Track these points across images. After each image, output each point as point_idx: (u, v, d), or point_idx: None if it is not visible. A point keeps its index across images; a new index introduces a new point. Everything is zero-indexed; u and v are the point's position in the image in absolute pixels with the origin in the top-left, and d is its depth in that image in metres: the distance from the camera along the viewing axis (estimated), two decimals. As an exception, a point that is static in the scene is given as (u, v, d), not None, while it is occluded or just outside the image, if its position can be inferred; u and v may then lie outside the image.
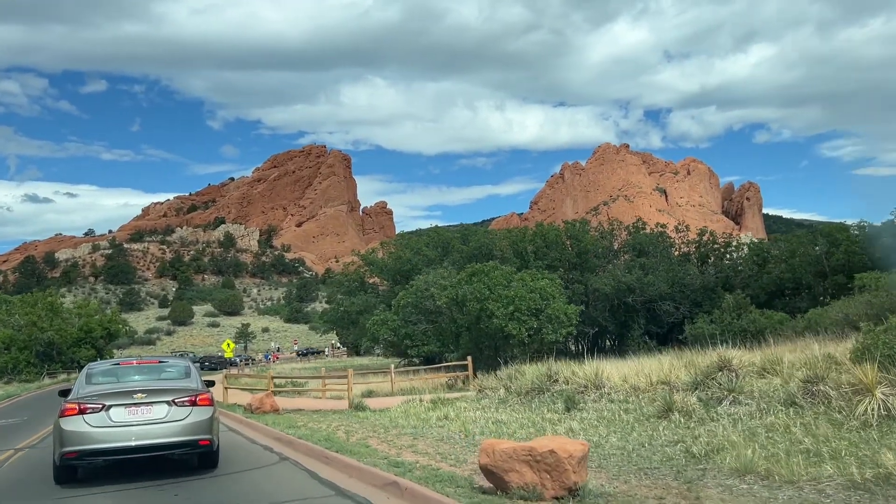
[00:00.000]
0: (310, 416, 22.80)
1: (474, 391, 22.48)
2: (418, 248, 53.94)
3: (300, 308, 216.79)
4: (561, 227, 56.52)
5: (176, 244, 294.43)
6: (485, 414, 16.88)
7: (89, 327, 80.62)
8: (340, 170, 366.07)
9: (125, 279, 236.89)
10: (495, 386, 21.04)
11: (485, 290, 27.80)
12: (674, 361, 20.45)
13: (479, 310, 27.57)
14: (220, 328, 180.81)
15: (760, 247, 59.63)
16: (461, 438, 13.21)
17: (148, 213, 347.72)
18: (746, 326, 44.18)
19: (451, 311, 29.48)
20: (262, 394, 24.95)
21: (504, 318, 26.90)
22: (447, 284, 29.40)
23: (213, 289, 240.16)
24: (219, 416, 12.04)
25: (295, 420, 20.29)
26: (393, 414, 20.04)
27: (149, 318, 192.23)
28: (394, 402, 25.55)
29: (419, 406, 21.67)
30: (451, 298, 28.74)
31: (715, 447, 9.16)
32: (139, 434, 10.38)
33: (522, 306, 27.27)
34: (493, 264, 29.24)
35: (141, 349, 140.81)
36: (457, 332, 29.49)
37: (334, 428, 17.07)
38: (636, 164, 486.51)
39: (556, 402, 16.82)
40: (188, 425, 10.67)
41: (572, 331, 28.87)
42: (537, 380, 18.47)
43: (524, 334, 26.83)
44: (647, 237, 57.69)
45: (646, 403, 14.14)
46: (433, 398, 23.21)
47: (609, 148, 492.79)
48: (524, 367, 21.63)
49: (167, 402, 10.72)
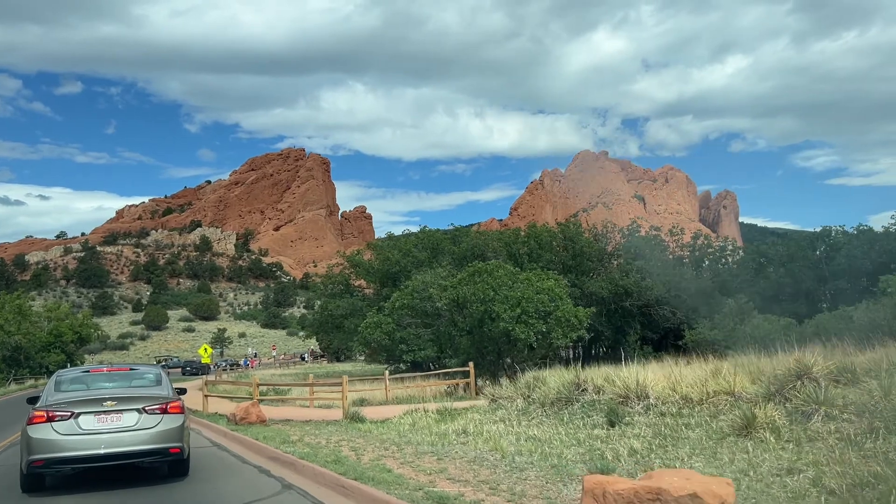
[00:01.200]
0: (301, 427, 20.55)
1: (486, 400, 20.35)
2: (407, 250, 51.74)
3: (278, 313, 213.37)
4: (554, 228, 54.66)
5: (151, 247, 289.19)
6: (509, 428, 14.76)
7: (59, 331, 77.40)
8: (319, 173, 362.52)
9: (98, 283, 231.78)
10: (510, 395, 18.92)
11: (489, 290, 25.71)
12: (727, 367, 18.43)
13: (482, 312, 25.47)
14: (196, 333, 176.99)
15: (758, 251, 58.18)
16: (498, 460, 11.07)
17: (122, 215, 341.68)
18: (751, 332, 42.52)
19: (452, 314, 27.34)
20: (248, 403, 22.63)
21: (511, 321, 24.82)
22: (447, 285, 27.26)
23: (189, 293, 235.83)
24: (192, 426, 11.43)
25: (287, 433, 18.03)
26: (398, 427, 17.86)
27: (122, 323, 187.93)
28: (392, 411, 23.38)
29: (425, 417, 19.52)
30: (452, 300, 26.61)
31: (858, 481, 7.10)
32: (108, 442, 10.21)
33: (530, 308, 25.21)
34: (497, 263, 27.18)
35: (113, 354, 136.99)
36: (457, 335, 27.35)
37: (336, 444, 14.86)
38: (615, 171, 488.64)
39: (589, 414, 14.75)
40: (158, 433, 10.56)
41: (583, 335, 26.86)
42: (564, 389, 16.36)
43: (532, 338, 24.78)
44: (642, 240, 56.01)
45: (708, 417, 12.09)
46: (439, 408, 21.07)
47: (588, 155, 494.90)
48: (544, 373, 19.56)
49: (137, 410, 10.59)
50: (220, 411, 26.46)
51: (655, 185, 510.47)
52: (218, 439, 18.18)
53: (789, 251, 53.82)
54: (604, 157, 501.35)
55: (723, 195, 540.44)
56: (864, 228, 53.26)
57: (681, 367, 22.22)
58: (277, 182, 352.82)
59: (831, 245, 51.70)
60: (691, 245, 61.24)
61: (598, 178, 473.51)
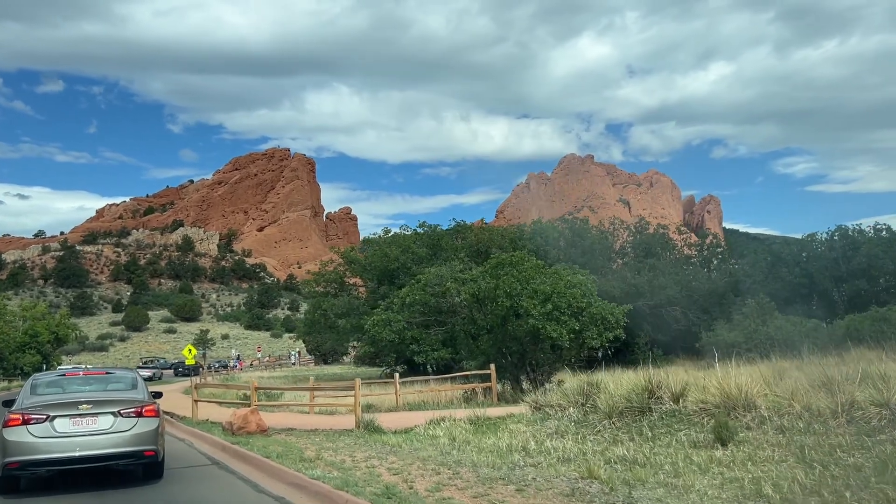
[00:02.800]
0: (309, 438, 17.75)
1: (526, 407, 17.62)
2: (406, 246, 48.97)
3: (261, 314, 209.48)
4: (560, 225, 52.11)
5: (131, 247, 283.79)
6: (581, 445, 12.02)
7: (35, 331, 73.75)
8: (304, 174, 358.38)
9: (77, 282, 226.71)
10: (559, 402, 16.18)
11: (516, 284, 22.98)
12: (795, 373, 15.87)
13: (507, 308, 22.75)
14: (178, 334, 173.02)
15: (770, 250, 55.83)
16: (606, 493, 8.32)
17: (102, 214, 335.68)
18: (773, 334, 40.12)
19: (471, 310, 24.59)
20: (245, 409, 19.73)
21: (541, 318, 22.12)
22: (466, 278, 24.50)
23: (170, 294, 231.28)
24: (183, 437, 11.63)
25: (298, 447, 15.20)
26: (431, 439, 15.11)
27: (101, 324, 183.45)
28: (409, 419, 20.63)
29: (457, 427, 16.76)
30: (472, 294, 23.86)
31: None
32: (84, 445, 10.36)
33: (563, 304, 22.52)
34: (522, 254, 24.46)
35: (92, 356, 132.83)
36: (476, 334, 24.60)
37: (367, 464, 12.06)
38: (601, 175, 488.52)
39: (676, 427, 12.06)
40: (133, 436, 10.69)
41: (619, 335, 24.20)
42: (636, 396, 13.64)
43: (565, 338, 22.09)
44: (653, 237, 53.54)
45: (864, 436, 9.41)
46: (468, 416, 18.32)
47: (574, 158, 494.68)
48: (602, 377, 16.86)
49: (113, 414, 10.72)
50: (212, 418, 23.54)
51: (640, 189, 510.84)
52: (216, 454, 15.30)
53: (804, 250, 51.57)
54: (590, 161, 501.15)
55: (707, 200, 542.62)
56: (882, 226, 51.15)
57: (736, 371, 19.66)
58: (261, 182, 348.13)
59: (849, 244, 49.45)
60: (699, 244, 58.92)
61: (583, 181, 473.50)
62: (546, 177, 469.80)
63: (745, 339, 40.90)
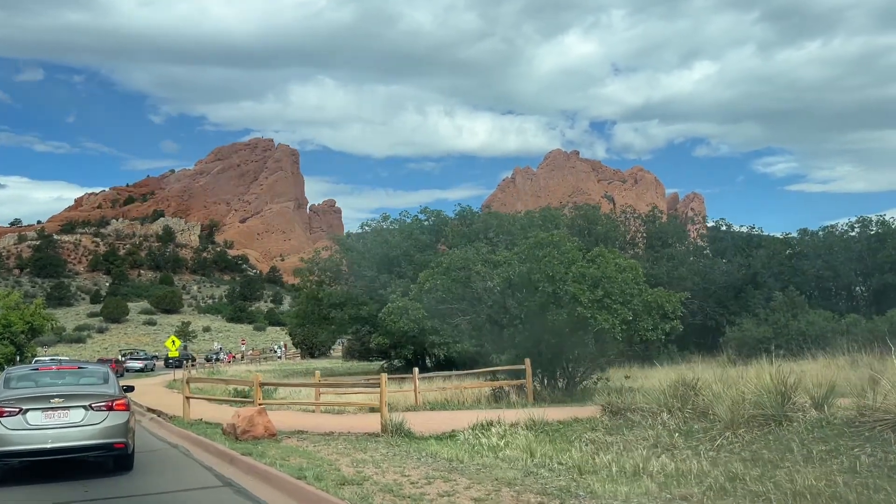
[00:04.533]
0: (330, 444, 14.72)
1: (600, 411, 14.64)
2: (409, 232, 45.90)
3: (244, 307, 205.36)
4: (571, 213, 49.24)
5: (111, 237, 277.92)
6: (725, 468, 9.03)
7: (8, 321, 69.76)
8: (288, 165, 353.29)
9: (54, 272, 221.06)
10: (646, 406, 13.20)
11: (560, 267, 20.02)
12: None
13: (549, 294, 19.77)
14: (158, 326, 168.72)
15: (788, 242, 53.28)
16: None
17: (81, 203, 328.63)
18: (805, 329, 37.49)
19: (504, 297, 21.58)
20: (251, 409, 16.55)
21: (591, 306, 19.16)
22: (499, 260, 21.48)
23: (150, 285, 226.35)
24: (180, 444, 11.59)
25: (325, 459, 12.15)
26: (492, 449, 12.13)
27: (79, 315, 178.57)
28: (438, 421, 17.68)
29: (514, 434, 13.78)
30: (506, 279, 20.86)
31: None
32: (55, 437, 10.64)
33: (615, 290, 19.59)
34: (562, 234, 21.45)
35: (69, 347, 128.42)
36: (508, 324, 21.61)
37: (436, 488, 9.02)
38: (586, 170, 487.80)
39: (844, 444, 9.13)
40: (104, 429, 10.94)
41: (677, 326, 21.26)
42: (769, 401, 10.67)
43: (618, 329, 19.17)
44: (668, 226, 50.79)
45: None
46: (519, 419, 15.37)
47: (560, 154, 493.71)
48: (692, 374, 13.92)
49: (84, 407, 10.99)
50: (206, 417, 20.36)
51: (625, 185, 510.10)
52: (224, 469, 12.15)
53: (827, 241, 49.06)
54: (575, 157, 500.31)
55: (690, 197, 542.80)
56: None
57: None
58: (244, 173, 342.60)
59: (875, 237, 46.98)
60: (710, 235, 56.33)
61: (569, 177, 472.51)
62: (531, 172, 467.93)
63: (774, 334, 38.25)
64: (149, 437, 17.69)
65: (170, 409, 24.52)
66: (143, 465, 12.81)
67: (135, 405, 28.99)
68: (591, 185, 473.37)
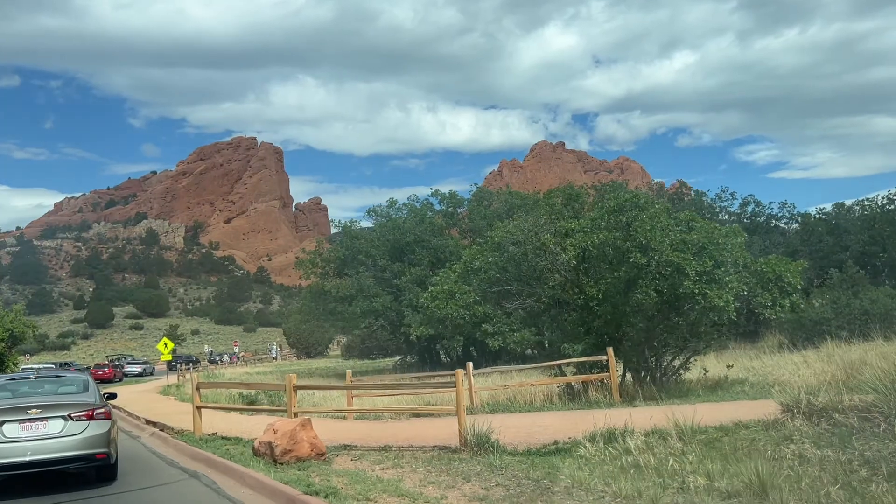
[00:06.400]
0: (405, 468, 11.02)
1: (779, 411, 10.84)
2: (422, 216, 42.06)
3: (233, 308, 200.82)
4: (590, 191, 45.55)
5: (93, 241, 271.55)
6: None
7: (-14, 329, 65.42)
8: (272, 163, 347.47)
9: (35, 279, 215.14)
10: (861, 404, 9.43)
11: (657, 232, 16.31)
12: None
13: (640, 267, 16.07)
14: (145, 331, 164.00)
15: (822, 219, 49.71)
16: None
17: (61, 208, 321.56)
18: (868, 308, 33.94)
19: (577, 274, 17.80)
20: (290, 422, 12.59)
21: (698, 281, 15.46)
22: (571, 228, 17.72)
23: (135, 288, 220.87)
24: (199, 470, 10.41)
25: (432, 498, 8.34)
26: (687, 476, 8.33)
27: (62, 321, 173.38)
28: (520, 428, 14.05)
29: (671, 445, 10.04)
30: (581, 250, 17.12)
31: None
32: (34, 449, 10.32)
33: (727, 259, 15.94)
34: (646, 195, 17.67)
35: (53, 355, 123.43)
36: (583, 307, 17.84)
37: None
38: (572, 161, 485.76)
39: None
40: (85, 439, 10.65)
41: (798, 302, 17.54)
42: None
43: (731, 307, 15.49)
44: (694, 202, 47.24)
45: None
46: (665, 427, 11.65)
47: (546, 146, 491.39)
48: None
49: (63, 417, 10.71)
50: (222, 431, 16.43)
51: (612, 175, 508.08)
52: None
53: (870, 214, 45.67)
54: (561, 148, 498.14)
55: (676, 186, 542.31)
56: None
57: None
58: (228, 172, 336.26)
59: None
60: (739, 212, 52.85)
61: (555, 168, 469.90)
62: (518, 164, 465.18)
63: (834, 314, 34.64)
64: (156, 461, 13.73)
65: (171, 419, 20.59)
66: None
67: (131, 417, 24.97)
68: (577, 176, 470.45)
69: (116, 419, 12.14)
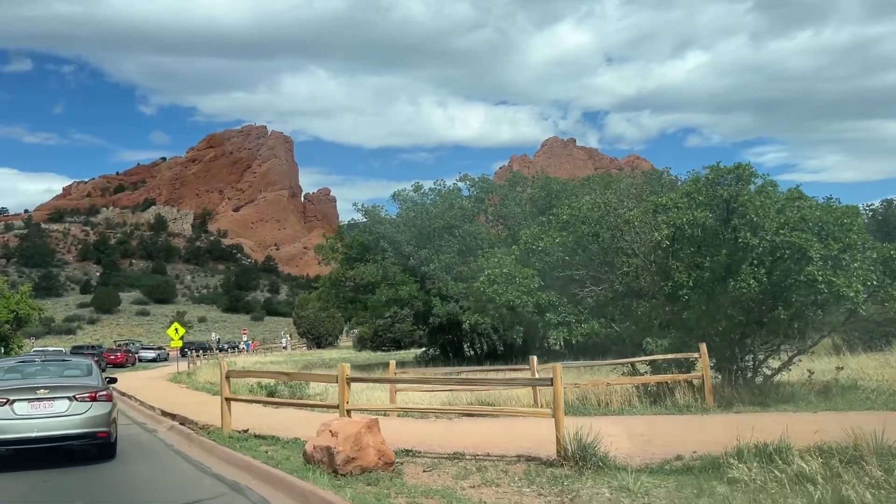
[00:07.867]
0: (503, 487, 8.64)
1: None
2: (451, 201, 39.67)
3: (240, 297, 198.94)
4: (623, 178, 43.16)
5: (101, 226, 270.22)
6: None
7: (-9, 310, 63.40)
8: (282, 152, 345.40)
9: (42, 262, 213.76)
10: None
11: (770, 208, 13.92)
12: None
13: (751, 248, 13.73)
14: (151, 317, 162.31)
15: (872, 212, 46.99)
16: None
17: (70, 192, 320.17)
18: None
19: (667, 257, 15.41)
20: (354, 423, 10.15)
21: (823, 266, 13.07)
22: (664, 203, 15.32)
23: (143, 274, 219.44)
24: (242, 483, 9.15)
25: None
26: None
27: (69, 305, 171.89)
28: (611, 436, 11.54)
29: (863, 468, 7.62)
30: (675, 229, 14.75)
31: None
32: (41, 426, 10.93)
33: (855, 241, 13.56)
34: (749, 166, 15.32)
35: (59, 339, 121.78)
36: (671, 295, 15.43)
37: None
38: (582, 158, 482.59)
39: None
40: (88, 419, 11.21)
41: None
42: None
43: (860, 296, 13.11)
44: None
45: None
46: (840, 442, 9.25)
47: (556, 142, 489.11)
48: None
49: (68, 398, 11.23)
50: (256, 429, 13.99)
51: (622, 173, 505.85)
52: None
53: None
54: (572, 145, 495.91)
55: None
56: None
57: None
58: (237, 160, 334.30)
59: None
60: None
61: (566, 164, 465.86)
62: (528, 160, 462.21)
63: None
64: (183, 465, 11.40)
65: (189, 411, 18.28)
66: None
67: (144, 408, 22.66)
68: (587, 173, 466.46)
69: (117, 401, 13.01)
